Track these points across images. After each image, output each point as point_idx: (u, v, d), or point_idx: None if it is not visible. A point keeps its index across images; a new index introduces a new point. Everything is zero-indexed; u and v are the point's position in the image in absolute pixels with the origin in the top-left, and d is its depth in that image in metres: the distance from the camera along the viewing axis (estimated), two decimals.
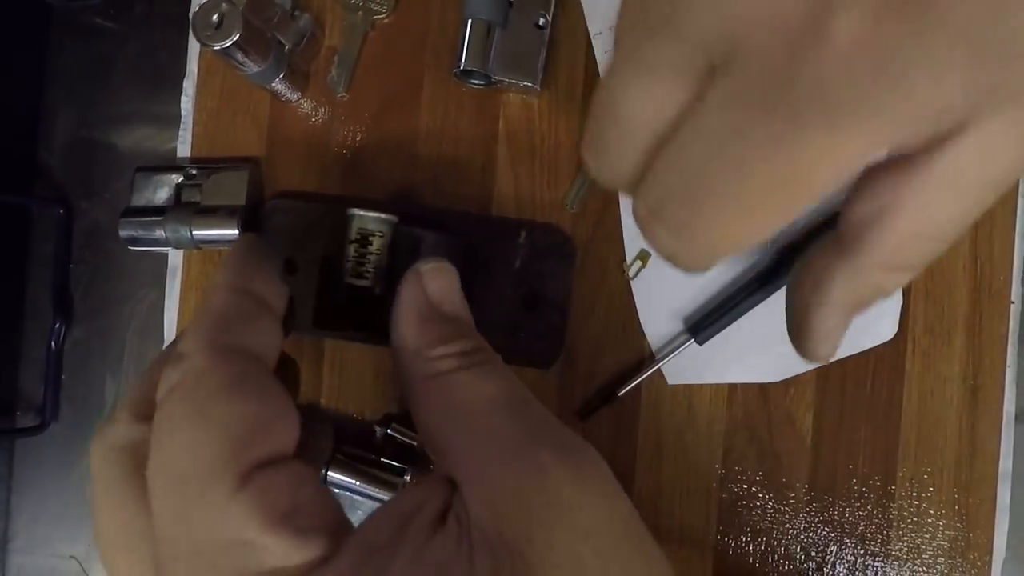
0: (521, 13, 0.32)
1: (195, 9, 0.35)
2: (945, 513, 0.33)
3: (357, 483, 0.32)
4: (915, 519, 0.33)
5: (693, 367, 0.33)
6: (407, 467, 0.33)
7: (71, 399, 0.37)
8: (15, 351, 0.37)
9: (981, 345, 0.33)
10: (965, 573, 0.33)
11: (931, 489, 0.33)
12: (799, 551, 0.33)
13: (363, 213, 0.29)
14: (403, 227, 0.30)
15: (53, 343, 0.37)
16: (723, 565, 0.33)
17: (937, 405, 0.33)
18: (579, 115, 0.34)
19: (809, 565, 0.33)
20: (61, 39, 0.38)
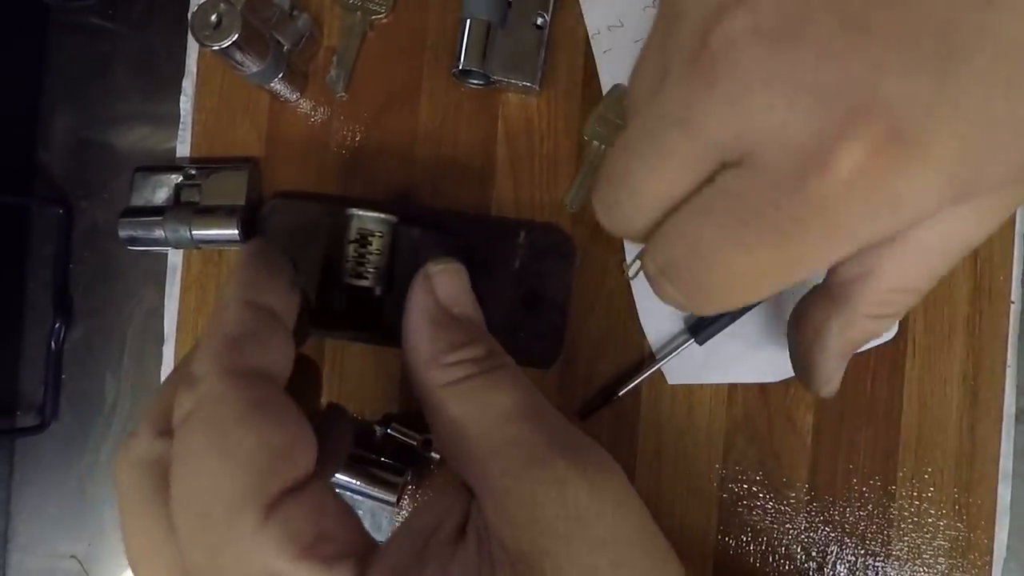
0: (520, 13, 0.32)
1: (194, 9, 0.35)
2: (946, 513, 0.33)
3: (357, 483, 0.32)
4: (916, 519, 0.33)
5: (693, 367, 0.33)
6: (407, 467, 0.33)
7: (71, 399, 0.37)
8: (15, 351, 0.37)
9: (981, 345, 0.33)
10: (966, 573, 0.33)
11: (932, 489, 0.33)
12: (799, 551, 0.33)
13: (363, 213, 0.29)
14: (402, 227, 0.30)
15: (53, 343, 0.37)
16: (723, 565, 0.33)
17: (937, 405, 0.33)
18: (578, 115, 0.33)
19: (810, 565, 0.33)
20: (60, 39, 0.38)
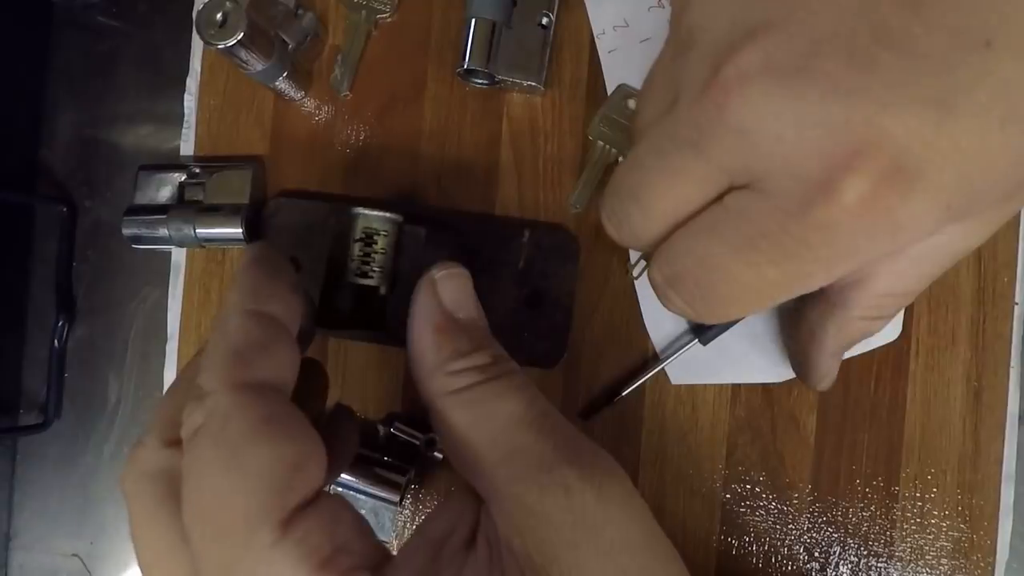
0: (525, 12, 0.32)
1: (199, 7, 0.35)
2: (948, 514, 0.33)
3: (360, 483, 0.32)
4: (918, 520, 0.33)
5: (696, 367, 0.33)
6: (410, 466, 0.33)
7: (74, 397, 0.37)
8: (18, 349, 0.37)
9: (985, 346, 0.33)
10: (968, 574, 0.33)
11: (935, 490, 0.33)
12: (802, 552, 0.33)
13: (367, 212, 0.29)
14: (407, 226, 0.30)
15: (56, 341, 0.37)
16: (726, 565, 0.33)
17: (941, 406, 0.33)
18: (583, 115, 0.33)
19: (812, 566, 0.33)
20: (64, 37, 0.38)
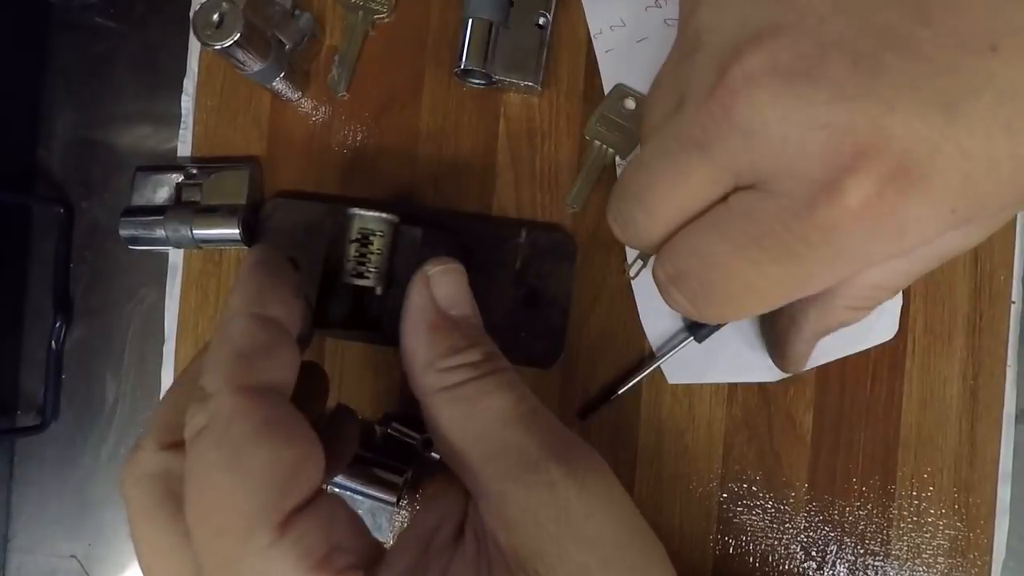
0: (522, 12, 0.32)
1: (195, 8, 0.35)
2: (945, 513, 0.33)
3: (357, 484, 0.32)
4: (915, 518, 0.33)
5: (693, 366, 0.33)
6: (407, 467, 0.33)
7: (71, 398, 0.37)
8: (16, 350, 0.37)
9: (981, 345, 0.33)
10: (965, 573, 0.33)
11: (931, 488, 0.33)
12: (799, 550, 0.33)
13: (364, 213, 0.29)
14: (404, 227, 0.30)
15: (53, 342, 0.37)
16: (723, 564, 0.33)
17: (937, 405, 0.33)
18: (580, 114, 0.34)
19: (809, 564, 0.33)
20: (61, 38, 0.38)
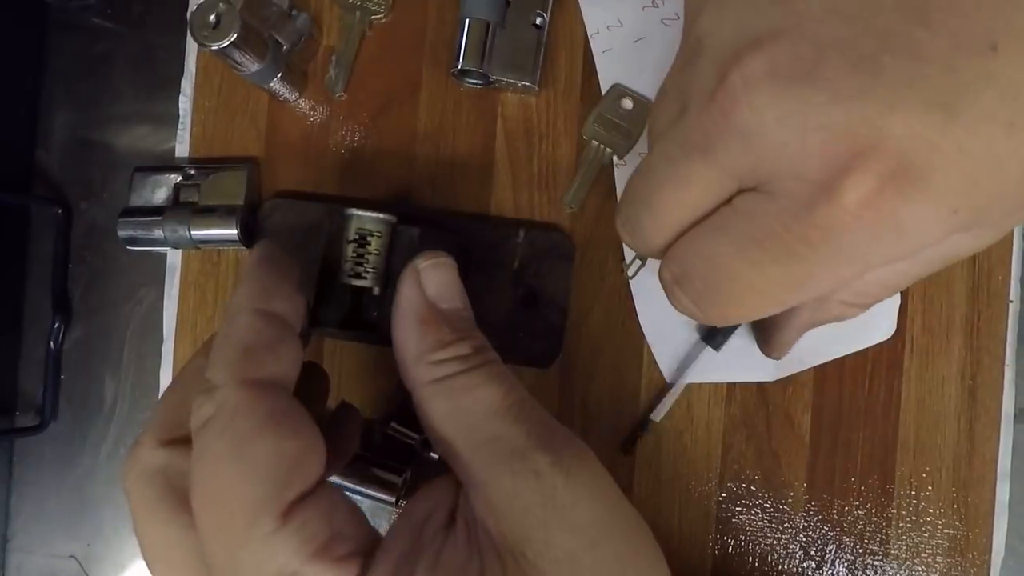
0: (519, 12, 0.32)
1: (193, 9, 0.35)
2: (944, 512, 0.33)
3: (356, 483, 0.32)
4: (914, 518, 0.33)
5: (692, 367, 0.33)
6: (406, 466, 0.33)
7: (70, 399, 0.37)
8: (14, 351, 0.37)
9: (979, 344, 0.33)
10: (964, 572, 0.33)
11: (930, 488, 0.33)
12: (798, 550, 0.33)
13: (361, 213, 0.29)
14: (401, 227, 0.30)
15: (52, 343, 0.37)
16: (722, 564, 0.33)
17: (936, 404, 0.33)
18: (577, 114, 0.34)
19: (808, 564, 0.33)
20: (59, 38, 0.38)
